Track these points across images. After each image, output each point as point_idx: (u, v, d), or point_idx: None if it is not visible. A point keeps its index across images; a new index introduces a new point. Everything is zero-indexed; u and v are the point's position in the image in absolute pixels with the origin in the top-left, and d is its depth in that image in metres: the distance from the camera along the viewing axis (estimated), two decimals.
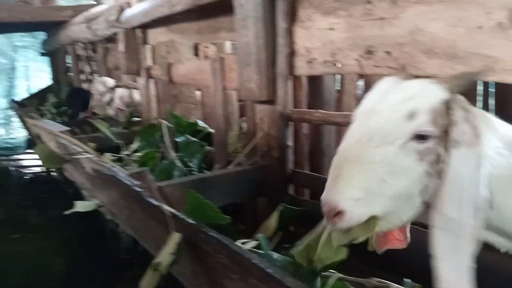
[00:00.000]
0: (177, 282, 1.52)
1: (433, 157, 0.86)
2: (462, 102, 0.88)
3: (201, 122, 2.82)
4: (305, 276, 1.17)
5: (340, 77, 2.42)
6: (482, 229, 0.85)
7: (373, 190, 0.85)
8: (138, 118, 3.80)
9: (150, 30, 3.41)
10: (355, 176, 0.85)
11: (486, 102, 3.39)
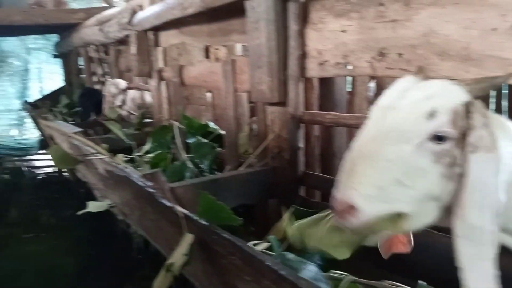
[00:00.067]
0: (188, 283, 1.53)
1: (449, 160, 0.84)
2: (481, 106, 0.86)
3: (212, 124, 2.83)
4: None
5: (352, 79, 2.42)
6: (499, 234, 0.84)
7: (388, 189, 0.82)
8: (150, 120, 3.83)
9: (162, 33, 3.43)
10: (369, 173, 0.83)
11: (499, 104, 3.36)
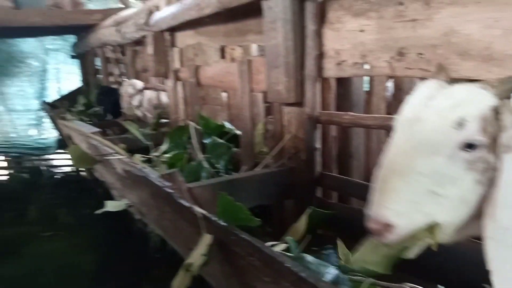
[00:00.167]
0: (205, 283, 1.53)
1: (483, 165, 0.83)
2: (510, 105, 0.84)
3: (228, 124, 2.84)
4: None
5: (369, 79, 2.39)
6: None
7: (422, 201, 0.83)
8: (166, 120, 3.85)
9: (178, 33, 3.44)
10: (402, 189, 0.83)
11: None
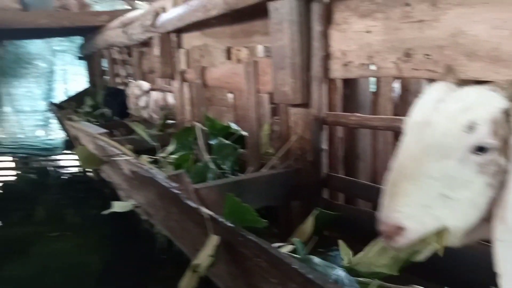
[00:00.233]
0: (211, 284, 1.54)
1: (494, 168, 0.83)
2: None
3: (234, 125, 2.84)
4: None
5: (376, 80, 2.39)
6: None
7: (433, 205, 0.83)
8: (172, 121, 3.87)
9: (185, 34, 3.45)
10: (413, 192, 0.84)
11: None
